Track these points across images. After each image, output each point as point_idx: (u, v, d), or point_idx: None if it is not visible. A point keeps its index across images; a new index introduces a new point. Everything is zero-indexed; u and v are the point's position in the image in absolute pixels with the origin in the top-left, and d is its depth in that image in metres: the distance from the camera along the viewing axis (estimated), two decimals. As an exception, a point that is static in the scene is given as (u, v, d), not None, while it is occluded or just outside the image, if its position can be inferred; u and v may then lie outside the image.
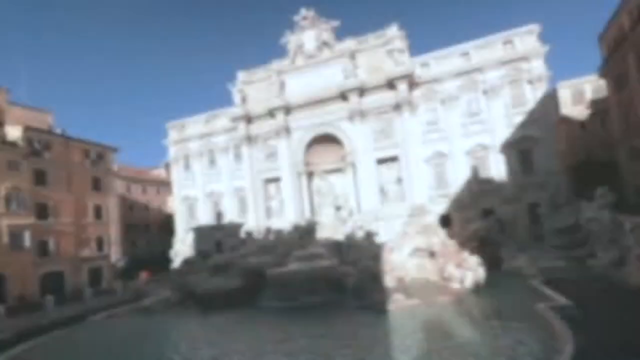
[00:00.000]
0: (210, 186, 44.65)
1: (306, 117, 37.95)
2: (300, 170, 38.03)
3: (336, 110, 36.68)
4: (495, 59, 33.28)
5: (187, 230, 45.77)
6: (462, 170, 33.43)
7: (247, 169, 40.11)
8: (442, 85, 35.00)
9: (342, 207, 36.68)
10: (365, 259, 21.47)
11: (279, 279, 20.62)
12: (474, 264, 19.59)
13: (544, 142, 31.59)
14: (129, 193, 61.38)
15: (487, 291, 17.40)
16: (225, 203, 43.54)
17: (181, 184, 46.31)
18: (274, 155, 39.72)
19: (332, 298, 19.02)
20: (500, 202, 32.06)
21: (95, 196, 39.42)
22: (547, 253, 24.94)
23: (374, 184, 35.00)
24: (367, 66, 36.22)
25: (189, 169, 46.01)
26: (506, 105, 33.02)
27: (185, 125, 46.14)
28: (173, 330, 17.13)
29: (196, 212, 45.46)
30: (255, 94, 40.54)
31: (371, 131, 35.68)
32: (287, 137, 38.28)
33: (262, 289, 21.89)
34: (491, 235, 27.12)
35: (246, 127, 39.85)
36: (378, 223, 33.26)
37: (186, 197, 45.98)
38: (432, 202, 33.77)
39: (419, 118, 35.31)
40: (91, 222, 37.99)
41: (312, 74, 38.13)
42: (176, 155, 46.35)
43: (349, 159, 36.16)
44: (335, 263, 21.53)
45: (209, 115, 44.97)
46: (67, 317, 22.89)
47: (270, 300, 20.35)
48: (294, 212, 37.25)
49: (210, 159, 45.01)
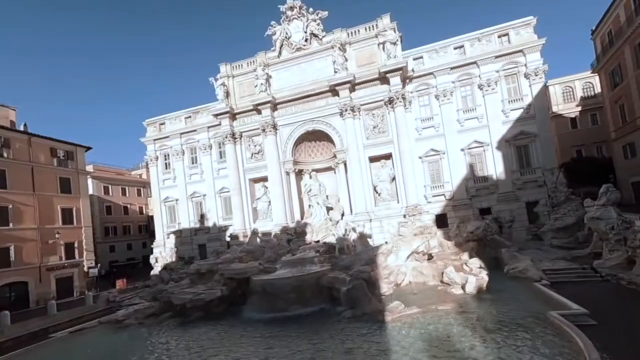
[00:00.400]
0: (192, 187, 42.85)
1: (294, 112, 36.65)
2: (288, 169, 36.69)
3: (326, 105, 35.54)
4: (490, 53, 32.76)
5: (168, 234, 43.87)
6: (458, 168, 32.75)
7: (231, 168, 38.49)
8: (436, 79, 34.29)
9: (333, 207, 35.65)
10: (359, 263, 20.35)
11: (265, 288, 19.26)
12: (476, 268, 18.70)
13: (541, 138, 31.22)
14: (108, 195, 59.17)
15: (491, 297, 16.48)
16: (209, 204, 41.83)
17: (161, 184, 44.28)
18: (260, 153, 38.25)
19: (324, 307, 17.86)
20: (498, 200, 31.50)
21: (64, 198, 36.92)
22: (548, 253, 24.35)
23: (366, 183, 33.98)
24: (358, 59, 35.21)
25: (169, 169, 44.04)
26: (502, 100, 32.53)
27: (165, 122, 44.14)
28: (145, 348, 15.53)
29: (177, 215, 43.56)
30: (239, 88, 38.99)
31: (363, 127, 34.68)
32: (274, 134, 36.87)
33: (248, 298, 20.56)
34: (490, 236, 26.44)
35: (230, 124, 38.24)
36: (371, 224, 32.32)
37: (166, 199, 44.00)
38: (428, 202, 33.05)
39: (413, 114, 34.50)
40: (59, 227, 35.49)
41: (299, 67, 36.88)
42: (155, 154, 44.28)
43: (340, 157, 35.03)
44: (327, 269, 20.36)
45: (190, 112, 43.13)
46: (28, 333, 20.91)
47: (255, 310, 19.01)
48: (282, 213, 35.90)
49: (192, 157, 43.18)
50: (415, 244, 21.13)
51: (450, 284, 18.55)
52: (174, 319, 20.21)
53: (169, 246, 43.14)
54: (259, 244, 30.32)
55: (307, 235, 32.92)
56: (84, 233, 38.12)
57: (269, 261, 25.82)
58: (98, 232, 56.58)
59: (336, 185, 36.76)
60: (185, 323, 19.21)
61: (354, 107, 34.23)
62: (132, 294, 32.27)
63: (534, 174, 31.09)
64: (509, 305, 14.63)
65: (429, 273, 20.80)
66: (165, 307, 21.74)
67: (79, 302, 28.81)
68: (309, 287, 18.58)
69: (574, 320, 11.67)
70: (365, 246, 25.01)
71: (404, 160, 32.54)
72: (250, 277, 20.84)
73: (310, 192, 36.27)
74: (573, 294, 14.89)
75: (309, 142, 37.91)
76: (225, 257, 27.50)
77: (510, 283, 18.52)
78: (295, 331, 15.11)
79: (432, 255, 22.42)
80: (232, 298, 21.23)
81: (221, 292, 20.55)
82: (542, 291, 15.78)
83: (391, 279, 19.58)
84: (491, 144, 32.28)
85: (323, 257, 23.19)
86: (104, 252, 56.97)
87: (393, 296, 17.91)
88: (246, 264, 24.49)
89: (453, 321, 13.61)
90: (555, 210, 28.16)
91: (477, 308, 14.99)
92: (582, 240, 24.61)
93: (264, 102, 36.16)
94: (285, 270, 22.13)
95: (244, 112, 38.07)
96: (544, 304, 14.01)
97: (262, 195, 38.63)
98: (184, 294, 20.73)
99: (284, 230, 34.60)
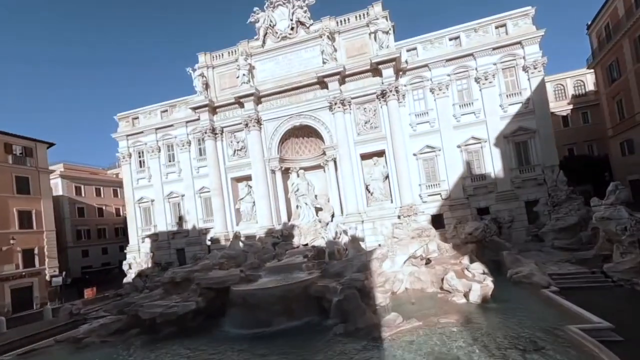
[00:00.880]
0: (169, 186, 40.61)
1: (280, 106, 34.96)
2: (274, 167, 35.00)
3: (314, 98, 34.00)
4: (487, 44, 31.91)
5: (143, 238, 41.51)
6: (455, 166, 31.77)
7: (212, 166, 36.49)
8: (431, 72, 33.25)
9: (322, 208, 34.19)
10: (351, 270, 18.92)
11: (246, 299, 17.62)
12: (479, 274, 17.55)
13: (540, 134, 30.55)
14: (80, 195, 56.31)
15: (497, 306, 15.33)
16: (188, 206, 39.71)
17: (135, 184, 41.85)
18: (243, 150, 36.41)
19: (312, 321, 16.37)
20: (496, 200, 30.68)
21: (22, 200, 34.05)
22: (551, 255, 23.56)
23: (358, 182, 32.62)
24: (348, 49, 33.82)
25: (143, 167, 41.64)
26: (500, 94, 31.73)
27: (139, 116, 41.71)
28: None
29: (153, 217, 41.24)
30: (219, 80, 37.01)
31: (354, 122, 33.32)
32: (258, 129, 35.09)
33: (227, 311, 18.84)
34: (489, 237, 25.53)
35: (210, 118, 36.22)
36: (364, 225, 31.00)
37: (141, 200, 41.60)
38: (423, 202, 31.97)
39: (407, 108, 33.37)
40: (15, 232, 32.61)
41: (285, 58, 35.22)
42: (128, 151, 41.80)
43: (329, 154, 33.54)
44: (316, 276, 18.87)
45: (167, 105, 40.84)
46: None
47: (235, 325, 17.36)
48: (267, 215, 34.19)
49: (169, 155, 40.92)
50: (413, 248, 19.87)
51: (452, 292, 17.35)
52: (142, 335, 18.40)
53: (144, 251, 40.85)
54: (241, 248, 28.60)
55: (295, 238, 31.36)
56: (46, 238, 35.33)
57: (252, 268, 24.20)
58: (69, 236, 54.00)
59: (326, 184, 35.29)
60: (155, 341, 17.43)
61: (344, 100, 32.82)
62: (100, 304, 30.02)
63: (534, 171, 30.40)
64: (519, 317, 13.47)
65: (427, 279, 19.60)
66: (133, 322, 19.83)
67: (37, 317, 26.33)
68: (295, 297, 17.06)
69: (598, 336, 10.54)
70: (357, 250, 23.63)
71: (398, 158, 31.34)
72: (230, 286, 19.13)
73: (298, 192, 34.70)
74: (586, 302, 13.86)
75: (296, 138, 36.31)
76: (203, 263, 25.72)
77: (516, 290, 17.46)
78: (280, 349, 13.58)
79: (430, 259, 21.23)
80: (210, 310, 19.50)
81: (196, 305, 18.80)
82: (552, 299, 14.71)
83: (387, 287, 18.25)
84: (489, 140, 31.44)
85: (311, 263, 21.72)
86: (76, 257, 54.26)
87: (389, 306, 16.58)
88: (226, 271, 22.81)
89: (458, 337, 12.32)
90: (556, 209, 27.51)
91: (484, 321, 13.77)
92: (586, 241, 23.95)
93: (246, 95, 34.34)
94: (270, 278, 20.61)
95: (225, 105, 36.13)
96: (559, 315, 12.91)
97: (245, 196, 36.83)
98: (153, 307, 18.85)
99: (270, 233, 32.93)
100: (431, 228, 26.13)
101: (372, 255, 20.02)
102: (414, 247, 20.07)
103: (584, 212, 25.75)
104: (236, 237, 30.05)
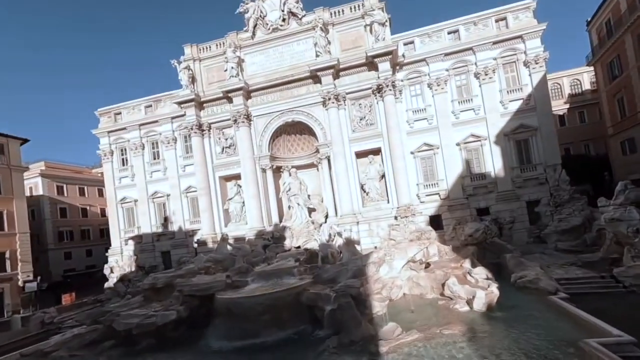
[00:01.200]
0: (153, 186, 39.16)
1: (271, 101, 33.78)
2: (264, 165, 33.81)
3: (307, 93, 32.92)
4: (487, 38, 31.25)
5: (126, 240, 39.99)
6: (454, 165, 31.01)
7: (199, 165, 35.11)
8: (428, 67, 32.46)
9: (315, 209, 33.13)
10: (346, 275, 17.90)
11: (232, 307, 16.46)
12: (482, 279, 16.66)
13: (542, 132, 29.95)
14: (62, 195, 54.50)
15: (504, 315, 14.42)
16: (173, 206, 38.31)
17: (117, 183, 40.27)
18: (232, 147, 35.13)
19: (303, 331, 15.30)
20: (497, 200, 29.98)
21: (-9, 200, 32.35)
22: (555, 258, 22.89)
23: (353, 182, 31.62)
24: (343, 42, 32.80)
25: (126, 165, 40.08)
26: (501, 90, 31.06)
27: (121, 111, 40.13)
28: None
29: (137, 218, 39.75)
30: (207, 73, 35.68)
31: (349, 119, 32.31)
32: (247, 125, 33.85)
33: (212, 321, 17.65)
34: (490, 239, 24.75)
35: (197, 114, 34.83)
36: (359, 227, 30.02)
37: (124, 200, 40.06)
38: (421, 202, 31.13)
39: (404, 104, 32.53)
40: (-17, 235, 31.00)
41: (276, 50, 34.05)
42: (110, 148, 40.18)
43: (323, 152, 32.48)
44: (308, 282, 17.79)
45: (151, 100, 39.37)
46: None
47: (220, 336, 16.16)
48: (257, 216, 33.02)
49: (154, 152, 39.46)
50: (412, 251, 18.93)
51: (453, 299, 16.43)
52: (117, 348, 17.08)
53: (127, 254, 39.29)
54: (229, 251, 27.33)
55: (287, 240, 30.27)
56: (19, 241, 33.59)
57: (240, 272, 22.99)
58: (50, 238, 52.25)
59: (319, 183, 34.24)
60: (130, 354, 16.17)
61: (338, 95, 31.78)
62: (77, 312, 28.55)
63: (535, 170, 29.79)
64: (528, 328, 12.57)
65: (427, 284, 18.69)
66: (109, 333, 18.45)
67: (4, 326, 24.69)
68: (285, 306, 15.96)
69: (619, 351, 9.65)
70: (352, 253, 22.59)
71: (395, 156, 30.41)
72: (215, 294, 17.94)
73: (290, 192, 33.55)
74: (598, 309, 13.05)
75: (288, 135, 35.18)
76: (188, 268, 24.43)
77: (521, 296, 16.60)
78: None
79: (430, 263, 20.32)
80: (193, 319, 18.25)
81: (177, 314, 17.53)
82: (563, 308, 13.83)
83: (384, 294, 17.26)
84: (489, 138, 30.75)
85: (303, 267, 20.63)
86: (58, 259, 52.61)
87: (387, 315, 15.57)
88: (212, 276, 21.54)
89: (464, 352, 11.36)
90: (559, 210, 26.92)
91: (490, 332, 12.84)
92: (590, 243, 23.36)
93: (235, 89, 33.06)
94: (259, 284, 19.43)
95: (213, 100, 34.80)
96: (573, 326, 12.03)
97: (234, 195, 35.54)
98: (130, 316, 17.53)
99: (260, 234, 31.78)
100: (431, 230, 25.29)
101: (368, 259, 19.01)
102: (413, 250, 19.13)
103: (588, 212, 25.18)
104: (223, 240, 28.80)
